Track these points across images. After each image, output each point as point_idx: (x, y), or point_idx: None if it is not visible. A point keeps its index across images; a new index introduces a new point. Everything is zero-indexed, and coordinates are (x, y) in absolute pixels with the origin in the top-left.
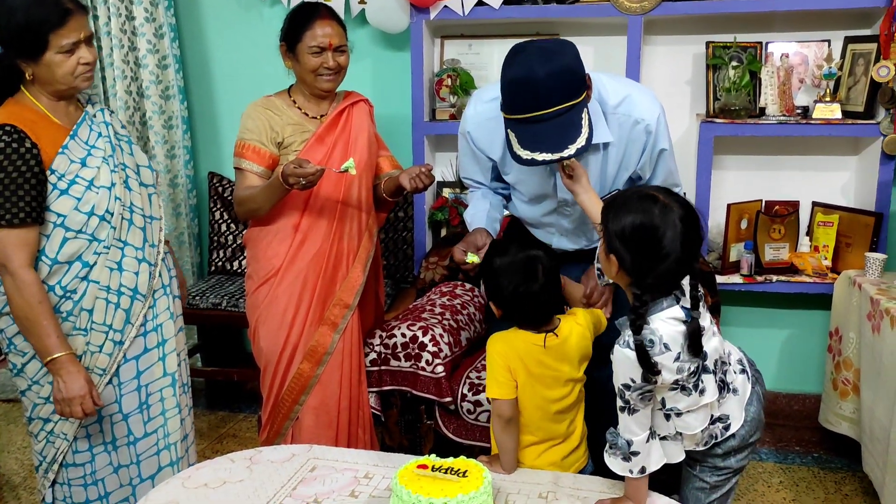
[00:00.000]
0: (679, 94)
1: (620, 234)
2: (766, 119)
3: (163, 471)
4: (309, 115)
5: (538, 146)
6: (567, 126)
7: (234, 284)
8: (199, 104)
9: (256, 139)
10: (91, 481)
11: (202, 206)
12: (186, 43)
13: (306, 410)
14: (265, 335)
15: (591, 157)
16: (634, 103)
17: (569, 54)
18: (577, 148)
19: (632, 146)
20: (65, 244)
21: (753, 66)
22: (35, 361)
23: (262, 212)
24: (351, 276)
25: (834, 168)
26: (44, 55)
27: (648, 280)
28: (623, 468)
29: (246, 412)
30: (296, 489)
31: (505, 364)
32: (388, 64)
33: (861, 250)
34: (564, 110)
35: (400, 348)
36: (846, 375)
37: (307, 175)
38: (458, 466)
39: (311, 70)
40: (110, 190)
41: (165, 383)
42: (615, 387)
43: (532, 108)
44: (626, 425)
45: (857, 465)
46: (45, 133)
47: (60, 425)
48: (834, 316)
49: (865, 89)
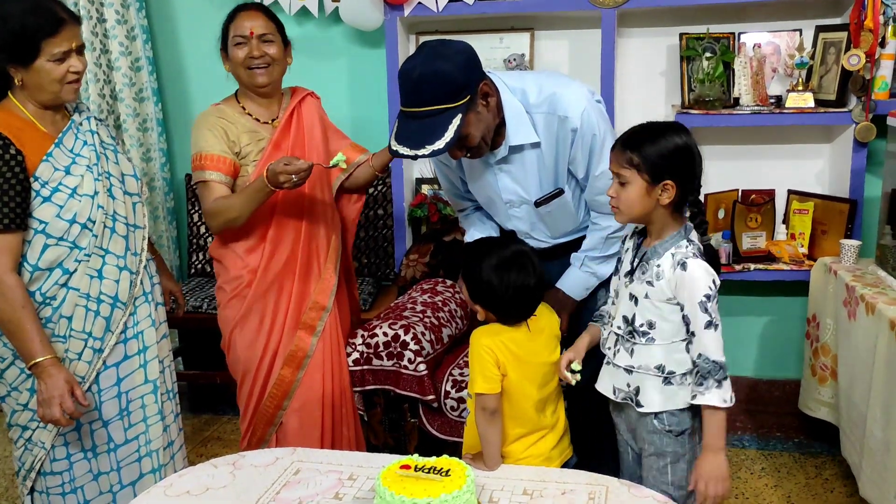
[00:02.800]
0: (654, 85)
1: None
2: (740, 109)
3: (144, 478)
4: (261, 121)
5: (403, 140)
6: (433, 127)
7: (214, 287)
8: (174, 106)
9: (217, 149)
10: (70, 489)
11: (180, 208)
12: (159, 44)
13: (290, 414)
14: (243, 345)
15: (527, 157)
16: (559, 100)
17: (454, 60)
18: (432, 150)
19: (561, 144)
20: (45, 251)
21: (727, 57)
22: (14, 367)
23: (241, 220)
24: (323, 277)
25: (808, 156)
26: (35, 62)
27: (697, 191)
28: (719, 397)
29: (230, 414)
30: (279, 493)
31: (493, 358)
32: (363, 62)
33: (836, 237)
34: (434, 112)
35: (382, 347)
36: (824, 361)
37: (298, 171)
38: (441, 465)
39: (239, 63)
40: (93, 198)
41: (147, 390)
42: (696, 305)
43: (408, 103)
44: (715, 345)
45: (837, 449)
46: (30, 140)
47: (38, 433)
48: (811, 303)
49: (837, 78)
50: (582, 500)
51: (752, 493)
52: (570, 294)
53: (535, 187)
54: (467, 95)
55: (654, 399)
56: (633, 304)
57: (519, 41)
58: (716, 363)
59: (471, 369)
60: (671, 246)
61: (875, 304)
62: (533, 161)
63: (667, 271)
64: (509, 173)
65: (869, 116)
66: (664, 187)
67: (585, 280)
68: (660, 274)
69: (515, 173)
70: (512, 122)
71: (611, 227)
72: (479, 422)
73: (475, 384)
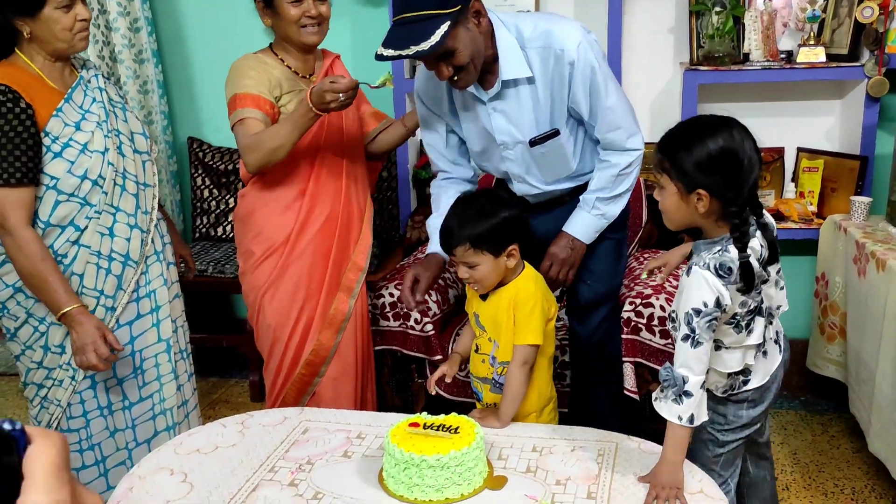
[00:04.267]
0: (662, 42)
1: (701, 164)
2: (750, 65)
3: (159, 435)
4: (299, 75)
5: (389, 44)
6: (419, 32)
7: (219, 250)
8: (174, 68)
9: (255, 89)
10: (87, 446)
11: (183, 172)
12: (158, 5)
13: (325, 384)
14: (274, 311)
15: (522, 94)
16: (553, 35)
17: None
18: (416, 50)
19: (557, 79)
20: (57, 207)
21: (737, 11)
22: (27, 326)
23: (284, 151)
24: (362, 237)
25: (818, 113)
26: (42, 10)
27: (742, 197)
28: (672, 412)
29: (237, 377)
30: (288, 451)
31: (542, 306)
32: (366, 22)
33: (846, 195)
34: (423, 17)
35: (388, 308)
36: (833, 319)
37: (347, 89)
38: (450, 423)
39: (293, 21)
40: (104, 155)
41: (160, 349)
42: (679, 314)
43: (398, 10)
44: (684, 358)
45: (844, 406)
46: (39, 95)
47: (54, 391)
48: (820, 261)
49: (850, 31)
50: (591, 456)
51: None
52: (580, 238)
53: (529, 126)
54: (458, 5)
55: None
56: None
57: None
58: (677, 377)
59: (523, 320)
60: (706, 249)
61: (886, 261)
62: (527, 98)
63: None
64: (503, 113)
65: (882, 70)
66: (698, 197)
67: (596, 223)
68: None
69: (509, 112)
70: (505, 56)
71: (621, 164)
72: (520, 378)
73: (529, 335)
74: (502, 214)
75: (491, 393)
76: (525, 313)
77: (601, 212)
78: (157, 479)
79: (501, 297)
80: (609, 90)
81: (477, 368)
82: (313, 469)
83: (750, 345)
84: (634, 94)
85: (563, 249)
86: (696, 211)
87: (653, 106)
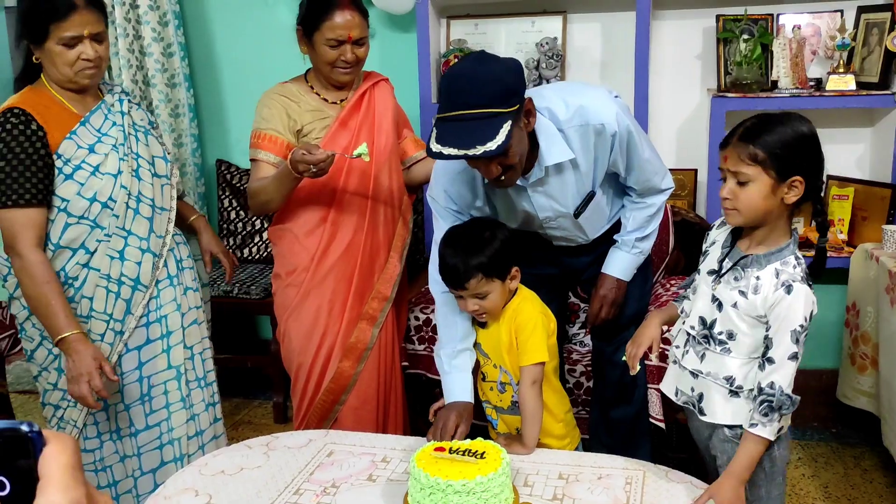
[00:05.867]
0: (689, 68)
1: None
2: (778, 92)
3: (166, 466)
4: (329, 102)
5: (450, 141)
6: (483, 130)
7: (244, 272)
8: (206, 92)
9: (272, 128)
10: (101, 467)
11: (211, 193)
12: (191, 30)
13: (346, 412)
14: (297, 335)
15: (565, 173)
16: (588, 110)
17: (507, 64)
18: (483, 150)
19: (600, 152)
20: (67, 230)
21: (765, 39)
22: (42, 348)
23: (274, 204)
24: (388, 266)
25: (848, 140)
26: (45, 43)
27: (821, 188)
28: (774, 431)
29: (260, 399)
30: (313, 474)
31: (542, 324)
32: (394, 45)
33: (878, 223)
34: (484, 115)
35: (413, 331)
36: (864, 350)
37: (316, 161)
38: (476, 448)
39: (327, 62)
40: (115, 178)
41: (169, 376)
42: (787, 332)
43: (456, 105)
44: (791, 378)
45: (876, 439)
46: (55, 118)
47: (70, 412)
48: (851, 290)
49: (880, 59)
50: (619, 484)
51: (788, 483)
52: (623, 278)
53: (573, 199)
54: (517, 104)
55: (718, 409)
56: (715, 307)
57: (551, 24)
58: (790, 397)
59: (527, 341)
60: (777, 259)
61: None
62: (570, 175)
63: (767, 287)
64: (544, 193)
65: None
66: (792, 185)
67: (635, 261)
68: (758, 288)
69: (551, 191)
70: (546, 143)
71: (657, 204)
72: (534, 397)
73: (535, 354)
74: (500, 237)
75: (507, 415)
76: (527, 335)
77: (640, 250)
78: (182, 500)
79: (500, 322)
80: (643, 145)
81: (487, 395)
82: (338, 492)
83: None
84: (661, 120)
85: (611, 291)
86: (784, 202)
87: (679, 132)
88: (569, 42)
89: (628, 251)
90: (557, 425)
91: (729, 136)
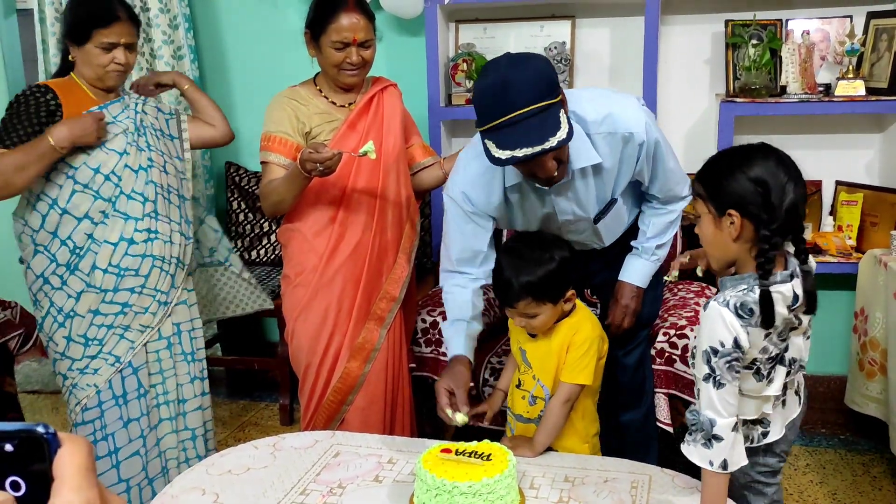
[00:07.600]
0: (698, 73)
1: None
2: (787, 97)
3: (162, 423)
4: (337, 104)
5: (515, 144)
6: (544, 124)
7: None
8: (216, 95)
9: (282, 131)
10: (101, 437)
11: (220, 196)
12: (201, 33)
13: (353, 412)
14: (305, 335)
15: (588, 177)
16: (617, 118)
17: (540, 59)
18: (558, 140)
19: (626, 160)
20: (73, 196)
21: (774, 44)
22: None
23: (286, 204)
24: (397, 267)
25: (857, 146)
26: (86, 45)
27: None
28: (702, 458)
29: (267, 400)
30: (319, 475)
31: (597, 347)
32: (402, 50)
33: (887, 229)
34: (539, 110)
35: (420, 334)
36: (873, 356)
37: (323, 160)
38: (482, 450)
39: (333, 64)
40: (121, 156)
41: (161, 346)
42: (698, 352)
43: (508, 110)
44: (709, 400)
45: (885, 446)
46: (76, 100)
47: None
48: (859, 296)
49: (889, 65)
50: (625, 488)
51: (796, 490)
52: (641, 286)
53: (593, 204)
54: (560, 93)
55: None
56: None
57: (560, 29)
58: (704, 421)
59: (577, 360)
60: (733, 284)
61: None
62: (593, 182)
63: None
64: (566, 196)
65: None
66: (730, 218)
67: (653, 268)
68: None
69: (573, 195)
70: (575, 145)
71: (677, 210)
72: (561, 414)
73: (580, 375)
74: (557, 258)
75: (526, 423)
76: (579, 354)
77: (658, 257)
78: (189, 499)
79: (553, 337)
80: (668, 155)
81: (516, 404)
82: (344, 493)
83: (768, 395)
84: (669, 125)
85: (633, 300)
86: (730, 237)
87: (688, 136)
88: (577, 47)
89: (647, 258)
90: (583, 446)
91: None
